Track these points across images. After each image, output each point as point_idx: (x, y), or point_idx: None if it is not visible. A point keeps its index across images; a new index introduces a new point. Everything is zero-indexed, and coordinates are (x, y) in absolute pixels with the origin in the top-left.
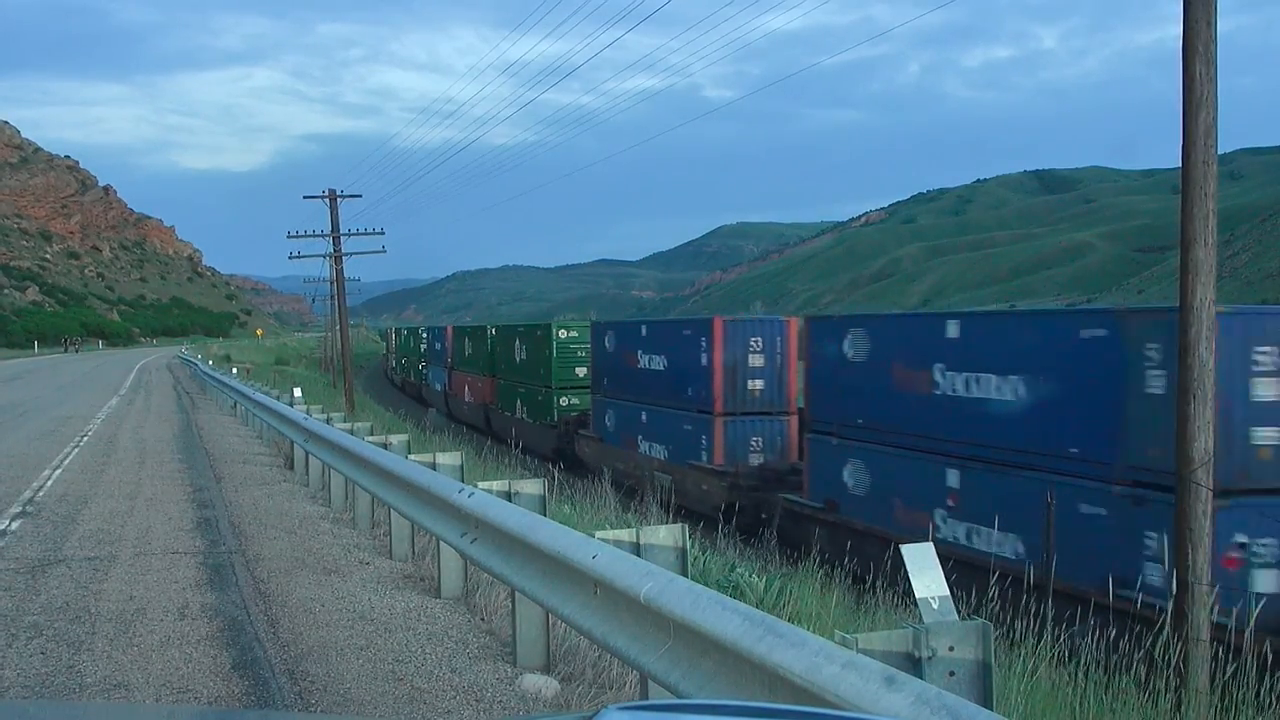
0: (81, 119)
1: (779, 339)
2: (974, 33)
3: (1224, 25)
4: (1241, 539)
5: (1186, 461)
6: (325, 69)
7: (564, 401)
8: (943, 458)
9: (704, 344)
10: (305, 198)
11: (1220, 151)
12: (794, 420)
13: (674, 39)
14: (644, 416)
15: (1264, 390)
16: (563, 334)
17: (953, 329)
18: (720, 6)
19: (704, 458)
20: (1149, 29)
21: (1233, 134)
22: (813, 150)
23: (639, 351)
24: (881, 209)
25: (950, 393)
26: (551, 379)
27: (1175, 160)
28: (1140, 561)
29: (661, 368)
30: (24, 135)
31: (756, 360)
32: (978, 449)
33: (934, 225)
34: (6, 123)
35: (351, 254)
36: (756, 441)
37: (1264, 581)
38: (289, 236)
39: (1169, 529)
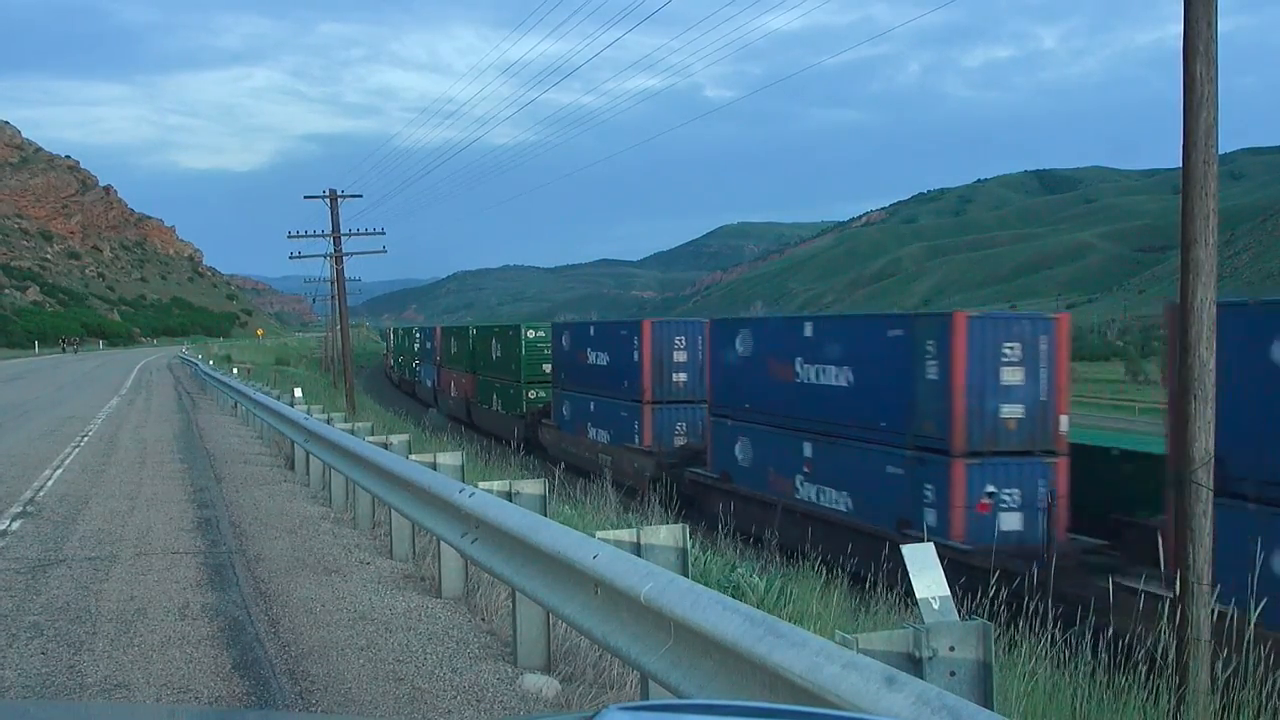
0: (82, 119)
1: (699, 338)
2: (974, 33)
3: (1224, 25)
4: (991, 489)
5: (1187, 461)
6: (325, 69)
7: (531, 394)
8: (801, 433)
9: (636, 343)
10: (306, 198)
11: (1221, 151)
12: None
13: (674, 39)
14: (592, 406)
15: (1009, 377)
16: (531, 334)
17: (808, 329)
18: (720, 6)
19: (636, 440)
20: (1149, 29)
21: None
22: (813, 150)
23: (588, 349)
24: (882, 209)
25: (806, 381)
26: (521, 374)
27: (1176, 160)
28: (921, 508)
29: (605, 363)
30: (25, 135)
31: (680, 357)
32: (823, 425)
33: (935, 225)
34: (7, 123)
35: (352, 254)
36: (680, 426)
37: (1009, 522)
38: (289, 236)
39: (940, 482)
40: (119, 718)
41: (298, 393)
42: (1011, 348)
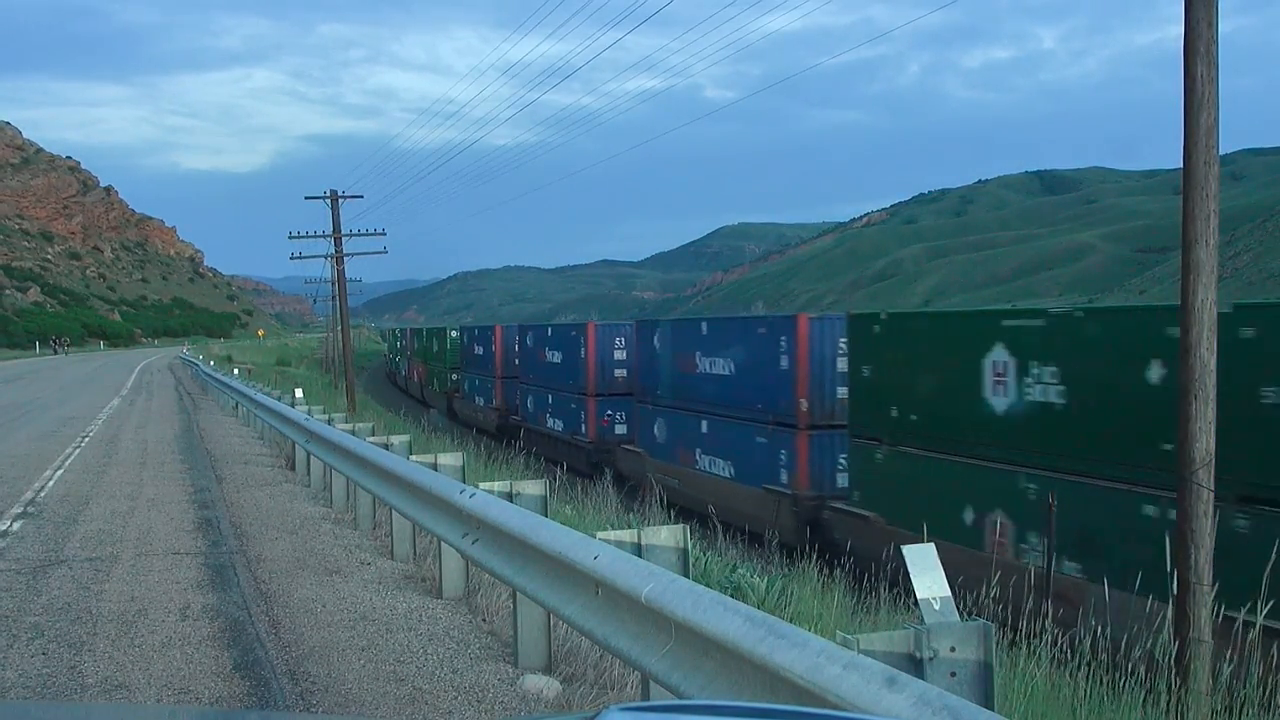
0: (83, 120)
1: (636, 338)
2: (973, 33)
3: (1224, 26)
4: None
5: (1187, 462)
6: (325, 70)
7: (454, 377)
8: (700, 414)
9: (583, 342)
10: (307, 198)
11: (1222, 152)
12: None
13: (674, 40)
14: (550, 399)
15: (842, 365)
16: (453, 334)
17: (704, 329)
18: (720, 8)
19: (583, 430)
20: (1148, 30)
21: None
22: (814, 151)
23: (546, 349)
24: (883, 209)
25: (704, 371)
26: (445, 363)
27: (1177, 161)
28: (779, 469)
29: (558, 360)
30: (26, 136)
31: (620, 355)
32: (715, 407)
33: (935, 226)
34: (8, 123)
35: (353, 254)
36: (621, 415)
37: (843, 480)
38: (290, 237)
39: (791, 450)
40: (120, 718)
41: (298, 393)
42: (845, 342)
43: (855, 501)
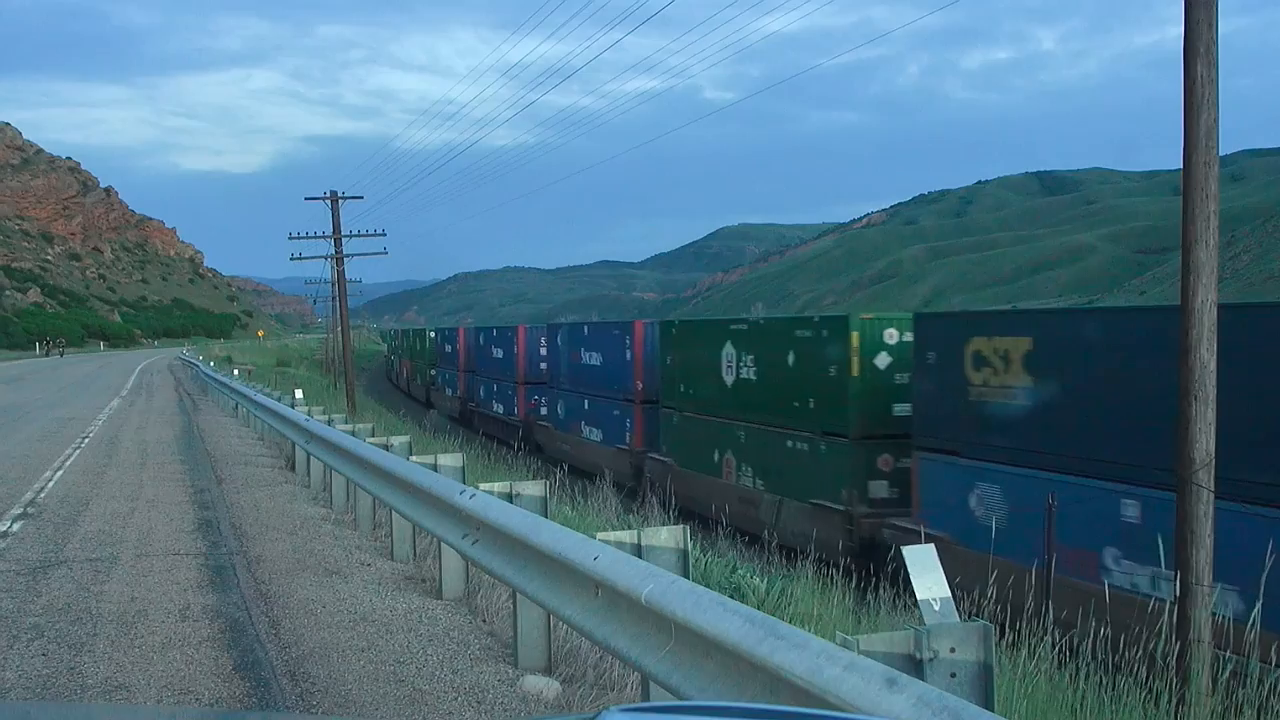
0: (82, 121)
1: (549, 338)
2: (973, 34)
3: (1224, 27)
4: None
5: (1187, 463)
6: (325, 70)
7: (431, 372)
8: (584, 395)
9: (515, 341)
10: (307, 199)
11: (1222, 153)
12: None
13: (673, 41)
14: (495, 388)
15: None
16: (432, 334)
17: (586, 330)
18: (719, 9)
19: (515, 412)
20: (1148, 30)
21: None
22: (814, 152)
23: (492, 347)
24: (883, 210)
25: (585, 363)
26: (425, 359)
27: (1177, 162)
28: (625, 433)
29: (500, 356)
30: (26, 137)
31: (543, 351)
32: (593, 389)
33: (935, 226)
34: (8, 124)
35: (353, 255)
36: (543, 399)
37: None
38: (290, 238)
39: (631, 418)
40: (119, 718)
41: (298, 394)
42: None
43: (664, 453)
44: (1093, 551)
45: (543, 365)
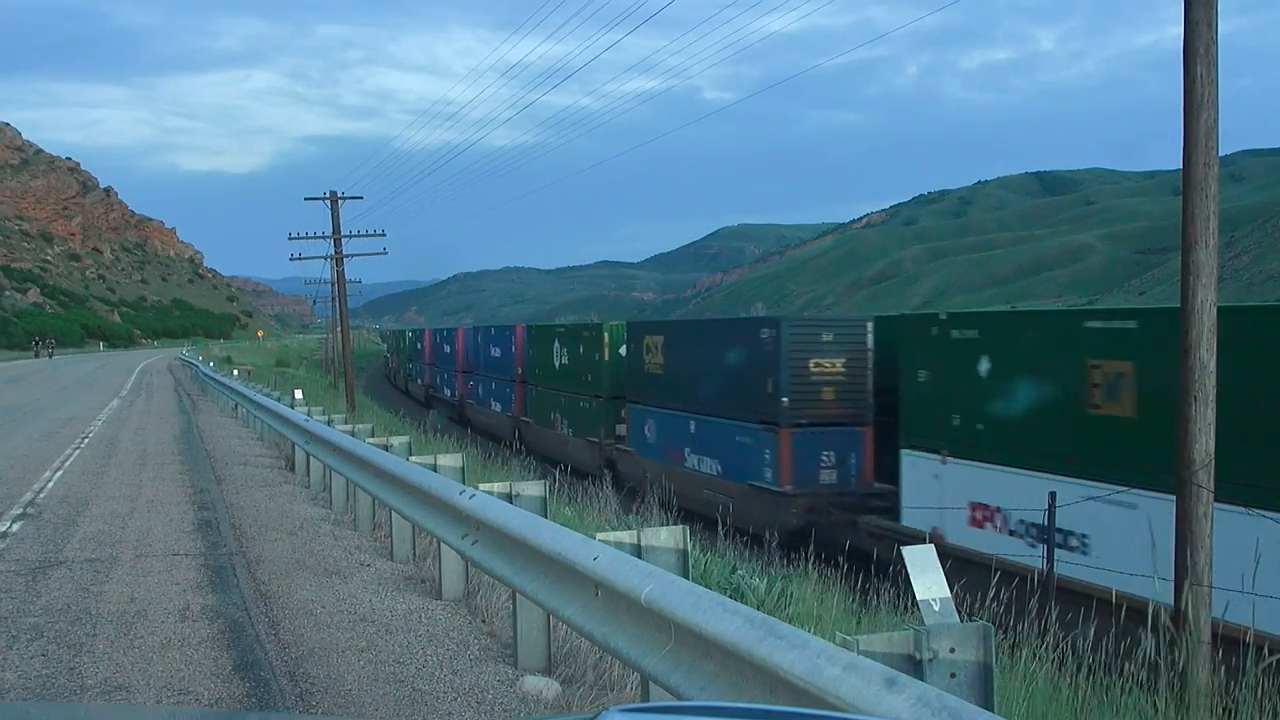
0: (82, 121)
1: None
2: (972, 35)
3: (1223, 27)
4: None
5: (1187, 463)
6: (323, 71)
7: (410, 366)
8: (490, 379)
9: (454, 340)
10: (306, 199)
11: (1222, 153)
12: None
13: (672, 41)
14: (445, 376)
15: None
16: (409, 333)
17: (493, 331)
18: (718, 9)
19: (455, 395)
20: (1147, 31)
21: (1234, 136)
22: (813, 152)
23: (445, 345)
24: (882, 210)
25: (488, 355)
26: (407, 355)
27: (1176, 162)
28: (513, 403)
29: (449, 351)
30: (25, 137)
31: (470, 346)
32: (494, 374)
33: (935, 227)
34: (8, 124)
35: (353, 255)
36: (475, 384)
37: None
38: (290, 238)
39: (519, 394)
40: (119, 719)
41: (298, 394)
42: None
43: (528, 415)
44: (678, 450)
45: (470, 357)
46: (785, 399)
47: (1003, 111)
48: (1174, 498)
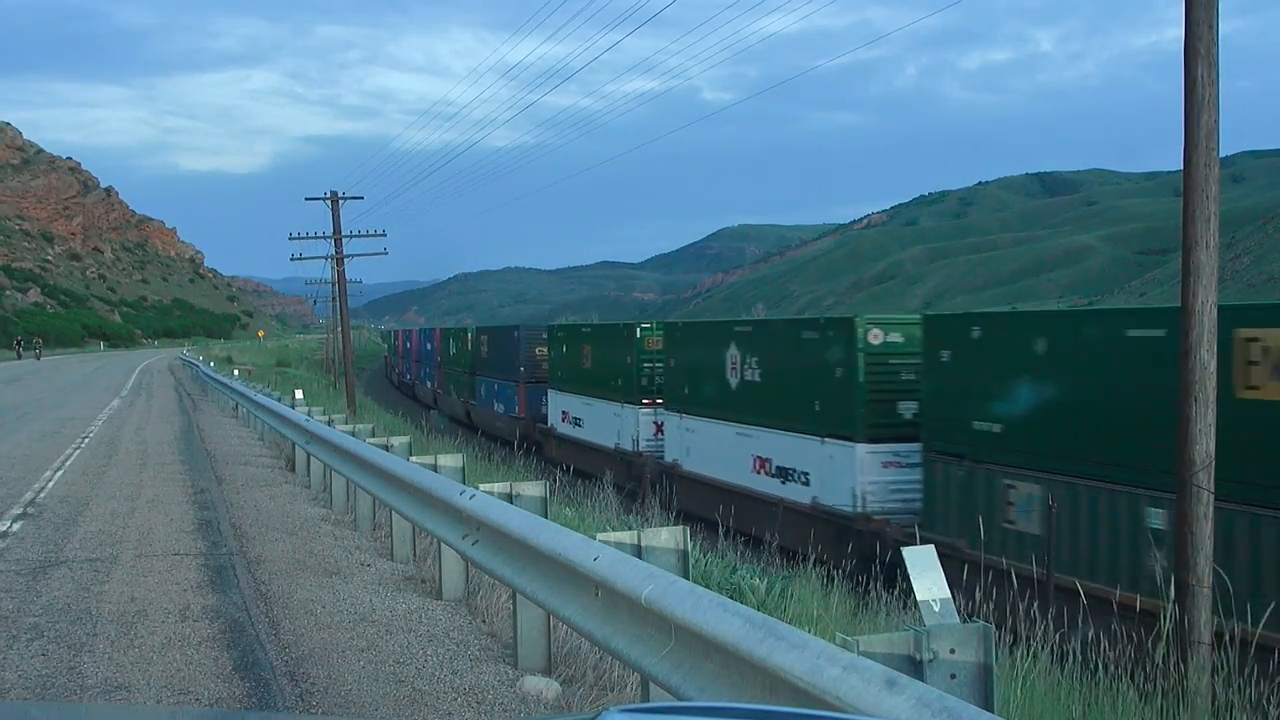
0: (82, 121)
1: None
2: (971, 36)
3: (1223, 28)
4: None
5: (1187, 464)
6: (323, 71)
7: (401, 363)
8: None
9: (431, 339)
10: (307, 199)
11: (1222, 154)
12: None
13: (672, 42)
14: (424, 371)
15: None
16: (400, 333)
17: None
18: (718, 10)
19: (430, 387)
20: (1146, 32)
21: (1235, 136)
22: (813, 152)
23: (424, 343)
24: (883, 211)
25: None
26: (400, 354)
27: (1177, 163)
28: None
29: (430, 347)
30: (26, 137)
31: (428, 347)
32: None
33: (936, 227)
34: (8, 124)
35: (353, 255)
36: (429, 376)
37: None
38: (291, 238)
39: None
40: (119, 719)
41: (299, 394)
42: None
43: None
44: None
45: (436, 356)
46: None
47: (1003, 112)
48: None
